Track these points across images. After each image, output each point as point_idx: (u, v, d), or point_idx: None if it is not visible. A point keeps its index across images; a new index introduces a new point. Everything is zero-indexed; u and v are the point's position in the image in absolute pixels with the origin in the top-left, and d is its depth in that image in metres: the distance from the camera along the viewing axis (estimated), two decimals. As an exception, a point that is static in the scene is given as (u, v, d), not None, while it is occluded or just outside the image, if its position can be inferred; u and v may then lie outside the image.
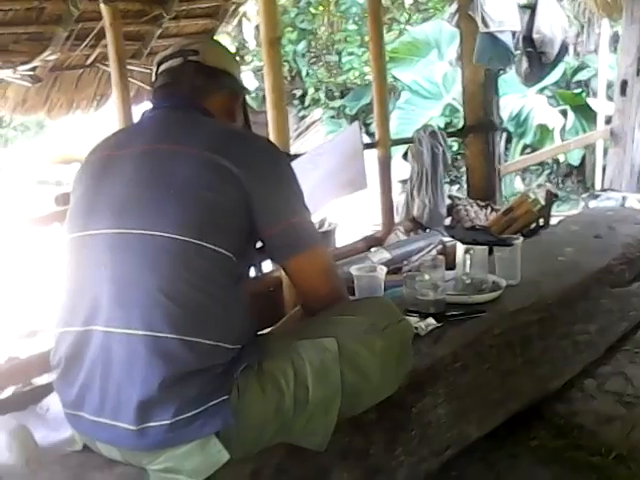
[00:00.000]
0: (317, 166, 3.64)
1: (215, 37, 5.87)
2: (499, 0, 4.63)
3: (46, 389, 2.44)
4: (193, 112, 1.85)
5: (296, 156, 3.84)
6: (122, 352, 1.58)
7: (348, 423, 1.84)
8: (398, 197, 5.46)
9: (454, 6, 5.24)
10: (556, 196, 4.74)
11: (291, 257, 1.80)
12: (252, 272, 1.98)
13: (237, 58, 2.13)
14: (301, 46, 12.08)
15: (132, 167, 1.72)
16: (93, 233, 1.69)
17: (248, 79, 10.97)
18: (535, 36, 5.29)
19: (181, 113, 1.85)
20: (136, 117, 3.21)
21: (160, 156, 1.72)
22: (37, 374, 2.72)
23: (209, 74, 1.91)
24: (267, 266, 3.26)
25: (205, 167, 1.67)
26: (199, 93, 1.88)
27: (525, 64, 5.41)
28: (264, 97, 3.41)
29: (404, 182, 6.48)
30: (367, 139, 9.85)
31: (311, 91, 12.16)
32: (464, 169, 8.13)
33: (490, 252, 2.79)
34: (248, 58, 12.04)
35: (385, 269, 2.48)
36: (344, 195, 3.76)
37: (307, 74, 12.15)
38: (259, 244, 1.81)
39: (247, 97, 2.12)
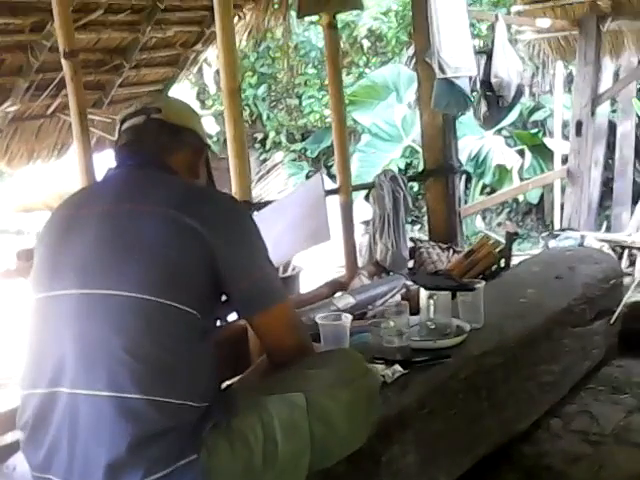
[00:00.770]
0: (280, 217, 3.65)
1: (175, 83, 5.91)
2: (455, 46, 4.71)
3: (11, 448, 2.40)
4: (157, 170, 1.86)
5: (259, 205, 3.85)
6: (89, 413, 1.57)
7: (319, 476, 1.83)
8: (361, 238, 5.49)
9: (411, 50, 5.32)
10: (516, 234, 4.81)
11: (257, 312, 1.81)
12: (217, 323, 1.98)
13: (198, 114, 2.12)
14: (261, 90, 12.17)
15: (95, 227, 1.72)
16: (57, 294, 1.69)
17: (209, 124, 11.00)
18: (493, 80, 5.39)
19: (145, 171, 1.85)
20: (97, 167, 3.24)
21: (123, 216, 1.73)
22: (2, 432, 2.66)
23: (172, 131, 1.91)
24: (231, 315, 3.25)
25: (168, 225, 1.68)
26: (162, 151, 1.89)
27: (484, 107, 5.50)
28: (225, 141, 3.43)
29: (366, 223, 6.53)
30: (329, 181, 9.96)
31: (272, 134, 12.23)
32: (425, 209, 8.24)
33: (453, 296, 2.81)
34: (209, 102, 12.09)
35: (350, 317, 2.49)
36: (307, 247, 3.77)
37: (268, 117, 12.23)
38: (225, 297, 1.82)
39: (208, 141, 2.13)
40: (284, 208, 3.83)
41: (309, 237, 3.75)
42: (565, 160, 7.58)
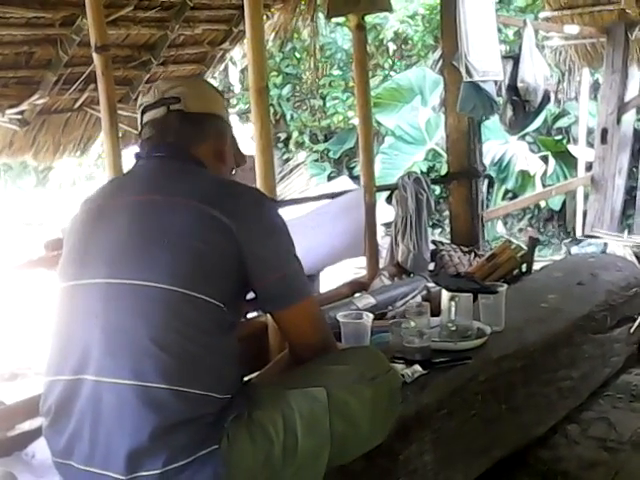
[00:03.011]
0: (318, 226, 3.67)
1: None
2: (483, 51, 4.71)
3: (31, 435, 2.43)
4: (184, 162, 1.87)
5: (283, 203, 3.88)
6: (112, 401, 1.59)
7: (336, 472, 1.84)
8: (381, 240, 5.50)
9: (437, 53, 5.33)
10: (538, 241, 4.80)
11: (282, 308, 1.82)
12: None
13: (218, 91, 2.06)
14: (286, 90, 12.21)
15: (124, 217, 1.74)
16: (85, 282, 1.71)
17: (233, 123, 11.02)
18: (519, 85, 5.38)
19: (172, 163, 1.86)
20: (125, 162, 3.27)
21: (152, 207, 1.74)
22: (22, 420, 2.70)
23: (194, 121, 1.90)
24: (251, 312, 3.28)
25: (197, 218, 1.69)
26: (187, 143, 1.89)
27: (510, 112, 5.49)
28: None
29: (387, 225, 6.53)
30: (352, 183, 9.96)
31: (295, 134, 12.25)
32: (446, 213, 8.23)
33: (474, 299, 2.82)
34: (233, 101, 12.13)
35: (372, 316, 2.50)
36: (341, 260, 3.81)
37: (291, 118, 12.26)
38: (249, 295, 1.83)
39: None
40: (322, 217, 3.85)
41: (345, 250, 3.78)
42: (589, 167, 7.55)
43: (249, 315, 3.35)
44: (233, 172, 2.05)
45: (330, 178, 11.47)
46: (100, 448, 1.59)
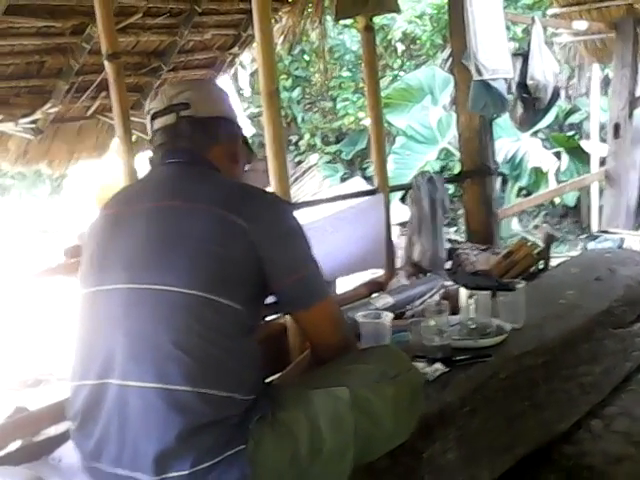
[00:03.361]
0: (337, 231, 3.67)
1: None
2: (492, 49, 4.69)
3: (57, 440, 2.44)
4: (198, 167, 1.88)
5: (297, 205, 3.87)
6: (138, 405, 1.60)
7: (362, 470, 1.85)
8: (397, 240, 5.49)
9: (446, 52, 5.32)
10: (554, 237, 4.79)
11: (302, 309, 1.84)
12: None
13: (226, 93, 2.05)
14: (296, 93, 12.23)
15: (143, 223, 1.76)
16: (106, 288, 1.72)
17: (244, 126, 11.05)
18: (529, 82, 5.37)
19: (187, 168, 1.87)
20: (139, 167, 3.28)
21: (171, 213, 1.75)
22: (47, 425, 2.72)
23: (205, 126, 1.91)
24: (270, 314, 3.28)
25: (215, 223, 1.70)
26: (199, 148, 1.90)
27: (520, 110, 5.48)
28: (260, 143, 3.46)
29: (402, 225, 6.53)
30: (364, 183, 9.96)
31: (307, 137, 12.27)
32: (461, 211, 8.22)
33: (493, 296, 2.81)
34: (244, 105, 12.15)
35: (391, 315, 2.50)
36: (360, 270, 3.80)
37: (302, 120, 12.28)
38: (268, 300, 1.84)
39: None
40: (341, 222, 3.84)
41: (365, 261, 3.77)
42: (602, 162, 7.52)
43: (267, 318, 3.35)
44: (246, 168, 2.05)
45: (343, 179, 11.47)
46: (128, 450, 1.61)
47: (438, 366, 2.37)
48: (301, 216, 1.92)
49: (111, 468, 1.63)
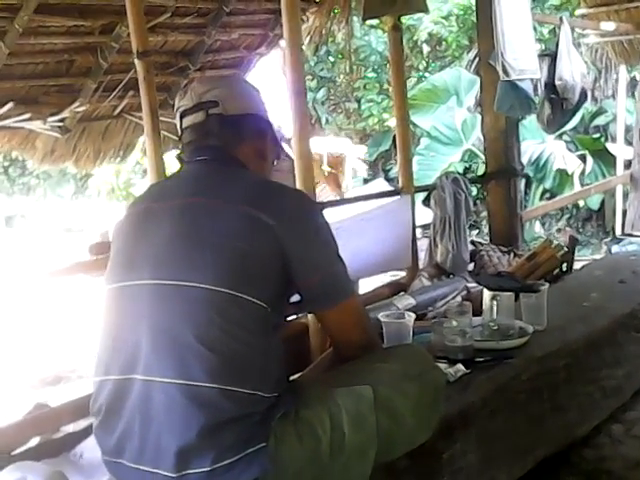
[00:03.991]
0: (364, 232, 3.68)
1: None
2: (519, 49, 4.69)
3: (78, 436, 2.48)
4: (226, 164, 1.89)
5: (326, 204, 3.90)
6: (161, 401, 1.61)
7: (382, 470, 1.85)
8: (419, 242, 5.49)
9: (472, 53, 5.31)
10: (577, 240, 4.77)
11: (327, 307, 1.84)
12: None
13: (256, 89, 2.03)
14: (321, 93, 12.26)
15: (170, 220, 1.77)
16: (132, 284, 1.74)
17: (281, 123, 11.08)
18: (557, 83, 5.35)
19: (215, 166, 1.88)
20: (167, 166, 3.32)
21: (197, 210, 1.77)
22: (67, 422, 2.75)
23: (234, 124, 1.91)
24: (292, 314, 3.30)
25: (241, 220, 1.71)
26: (228, 146, 1.91)
27: (548, 111, 5.46)
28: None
29: (424, 227, 6.52)
30: (387, 185, 9.96)
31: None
32: (484, 214, 8.20)
33: (516, 298, 2.81)
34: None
35: (414, 315, 2.50)
36: (385, 271, 3.81)
37: (327, 121, 12.30)
38: (293, 298, 1.85)
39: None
40: (367, 223, 3.85)
41: (391, 261, 3.77)
42: (628, 165, 7.47)
43: (289, 318, 3.37)
44: (274, 164, 2.06)
45: (366, 181, 11.48)
46: (150, 446, 1.62)
47: (460, 367, 2.37)
48: (328, 217, 1.92)
49: (133, 464, 1.64)
